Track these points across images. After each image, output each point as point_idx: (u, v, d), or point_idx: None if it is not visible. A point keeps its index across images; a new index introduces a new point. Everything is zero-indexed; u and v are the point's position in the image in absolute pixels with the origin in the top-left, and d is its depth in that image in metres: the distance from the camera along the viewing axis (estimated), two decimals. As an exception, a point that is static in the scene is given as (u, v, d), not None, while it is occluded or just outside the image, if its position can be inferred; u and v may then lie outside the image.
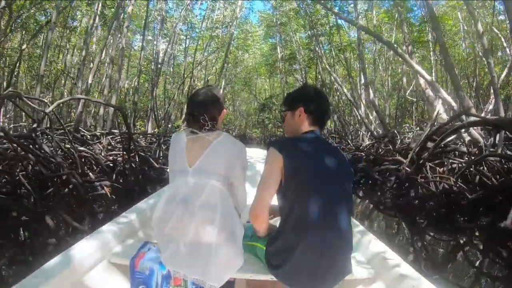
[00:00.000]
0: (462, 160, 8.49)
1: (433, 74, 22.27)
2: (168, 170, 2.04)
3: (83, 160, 7.81)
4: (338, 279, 1.80)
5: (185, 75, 18.86)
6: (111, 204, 6.14)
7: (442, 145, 8.61)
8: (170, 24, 24.23)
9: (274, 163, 1.78)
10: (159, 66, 17.99)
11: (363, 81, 19.41)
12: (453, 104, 7.93)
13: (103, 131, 12.35)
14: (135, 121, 23.54)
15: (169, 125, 21.47)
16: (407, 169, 8.36)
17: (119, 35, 13.71)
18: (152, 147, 11.91)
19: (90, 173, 7.24)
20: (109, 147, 11.47)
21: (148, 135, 14.54)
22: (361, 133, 18.23)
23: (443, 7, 23.10)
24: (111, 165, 8.79)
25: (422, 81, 12.90)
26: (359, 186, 9.92)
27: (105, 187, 6.08)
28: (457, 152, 9.10)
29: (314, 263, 1.70)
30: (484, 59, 16.02)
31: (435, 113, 11.25)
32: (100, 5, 14.87)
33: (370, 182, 9.76)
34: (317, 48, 19.49)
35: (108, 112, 12.86)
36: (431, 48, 20.81)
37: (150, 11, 21.27)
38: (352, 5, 20.98)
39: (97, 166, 7.91)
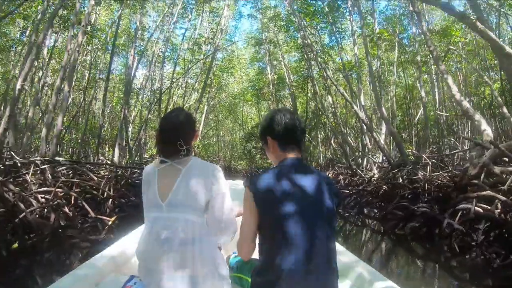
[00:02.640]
0: None
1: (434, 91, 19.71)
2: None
3: None
4: None
5: (160, 94, 15.24)
6: None
7: None
8: (149, 44, 21.16)
9: (247, 200, 1.67)
10: (130, 86, 14.35)
11: (363, 102, 16.42)
12: None
13: (48, 158, 8.76)
14: (104, 148, 19.93)
15: (144, 155, 17.93)
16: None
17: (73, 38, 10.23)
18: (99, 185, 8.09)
19: None
20: (48, 182, 7.86)
21: (110, 166, 10.73)
22: (365, 159, 14.89)
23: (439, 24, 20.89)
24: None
25: (455, 91, 9.80)
26: (410, 236, 6.36)
27: None
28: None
29: None
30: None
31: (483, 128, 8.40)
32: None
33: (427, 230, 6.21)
34: (313, 64, 16.29)
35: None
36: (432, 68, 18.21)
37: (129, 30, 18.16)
38: (342, 22, 18.68)
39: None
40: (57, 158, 9.16)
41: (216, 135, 34.40)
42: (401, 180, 10.43)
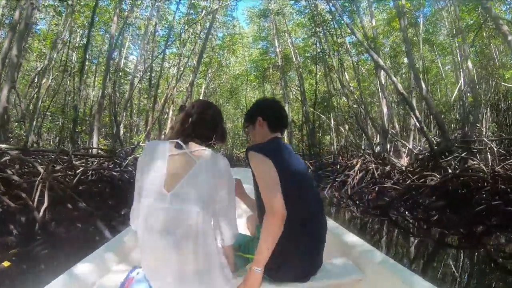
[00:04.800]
0: None
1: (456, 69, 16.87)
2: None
3: None
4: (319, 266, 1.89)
5: (151, 71, 12.50)
6: None
7: None
8: (141, 22, 18.47)
9: (268, 166, 1.71)
10: (110, 58, 11.59)
11: (382, 80, 13.80)
12: None
13: None
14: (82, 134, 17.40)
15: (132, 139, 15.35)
16: None
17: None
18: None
19: None
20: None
21: (62, 154, 7.91)
22: (387, 145, 12.20)
23: None
24: None
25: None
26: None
27: None
28: None
29: (309, 259, 1.79)
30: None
31: None
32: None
33: None
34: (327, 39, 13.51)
35: None
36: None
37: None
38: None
39: None
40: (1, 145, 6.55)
41: (217, 122, 31.55)
42: (450, 171, 7.84)
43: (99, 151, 9.14)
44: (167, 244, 1.45)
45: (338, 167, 14.26)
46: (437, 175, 7.48)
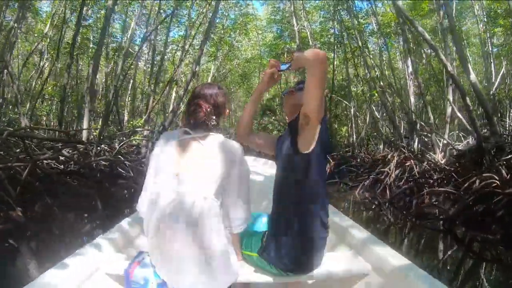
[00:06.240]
0: None
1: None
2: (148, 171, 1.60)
3: None
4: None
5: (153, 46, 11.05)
6: None
7: None
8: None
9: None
10: (105, 30, 10.14)
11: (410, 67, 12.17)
12: None
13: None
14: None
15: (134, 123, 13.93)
16: None
17: None
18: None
19: None
20: None
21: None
22: (416, 138, 10.56)
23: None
24: None
25: None
26: None
27: None
28: None
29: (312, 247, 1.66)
30: None
31: None
32: None
33: None
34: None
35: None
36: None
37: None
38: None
39: None
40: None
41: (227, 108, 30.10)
42: (505, 173, 6.22)
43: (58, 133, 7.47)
44: (173, 229, 1.42)
45: (359, 161, 12.75)
46: (496, 177, 5.86)
